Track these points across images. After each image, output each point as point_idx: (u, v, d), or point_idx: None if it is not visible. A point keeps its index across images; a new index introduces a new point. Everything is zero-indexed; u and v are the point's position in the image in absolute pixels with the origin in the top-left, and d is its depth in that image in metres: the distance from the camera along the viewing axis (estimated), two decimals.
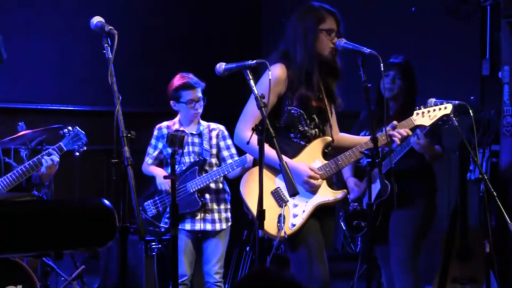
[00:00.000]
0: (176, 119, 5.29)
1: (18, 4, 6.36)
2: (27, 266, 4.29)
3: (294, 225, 3.92)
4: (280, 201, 3.93)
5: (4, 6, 6.29)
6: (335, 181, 4.19)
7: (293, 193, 3.62)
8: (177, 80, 5.21)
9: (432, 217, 4.97)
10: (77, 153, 4.82)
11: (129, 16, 6.82)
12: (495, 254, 4.82)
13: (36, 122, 5.53)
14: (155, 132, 5.28)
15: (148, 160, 5.27)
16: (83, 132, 4.82)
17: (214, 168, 5.18)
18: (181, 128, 5.19)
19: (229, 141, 5.27)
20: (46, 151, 4.63)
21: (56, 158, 4.59)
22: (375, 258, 4.92)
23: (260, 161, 3.57)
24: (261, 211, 3.55)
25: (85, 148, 4.84)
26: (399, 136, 3.95)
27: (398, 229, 4.82)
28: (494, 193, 4.13)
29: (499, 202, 4.12)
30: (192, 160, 5.19)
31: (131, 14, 6.89)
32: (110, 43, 3.34)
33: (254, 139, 3.69)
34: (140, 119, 6.50)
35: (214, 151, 5.25)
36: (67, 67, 6.59)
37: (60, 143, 4.73)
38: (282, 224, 3.82)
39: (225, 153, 5.25)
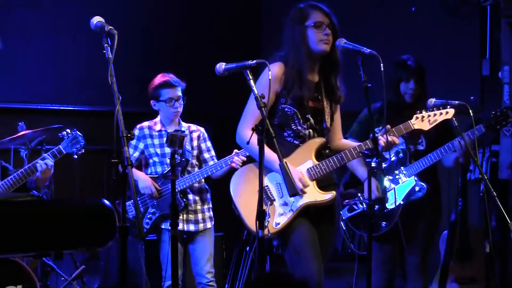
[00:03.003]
0: (157, 119, 5.26)
1: (18, 4, 6.36)
2: (27, 266, 4.29)
3: (278, 224, 3.93)
4: (267, 199, 3.94)
5: (4, 6, 6.28)
6: (334, 183, 4.19)
7: (293, 193, 3.62)
8: (157, 79, 5.23)
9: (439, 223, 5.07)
10: (75, 156, 4.83)
11: (129, 16, 6.82)
12: (495, 254, 4.83)
13: (36, 122, 5.52)
14: (136, 132, 5.20)
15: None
16: (81, 135, 4.83)
17: (196, 169, 5.17)
18: (163, 129, 5.18)
19: (209, 143, 5.29)
20: (41, 157, 4.64)
21: (50, 162, 4.60)
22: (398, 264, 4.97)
23: (260, 161, 3.57)
24: (261, 211, 3.54)
25: (83, 151, 4.84)
26: (385, 141, 3.94)
27: (417, 235, 4.84)
28: (494, 193, 4.13)
29: (499, 202, 4.12)
30: None
31: (131, 14, 6.89)
32: (110, 43, 3.34)
33: (254, 139, 3.69)
34: (140, 119, 6.51)
35: (195, 152, 5.24)
36: (67, 67, 6.58)
37: (59, 146, 4.74)
38: (267, 223, 3.81)
39: (206, 155, 5.25)
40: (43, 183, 4.68)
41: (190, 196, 5.15)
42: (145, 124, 5.25)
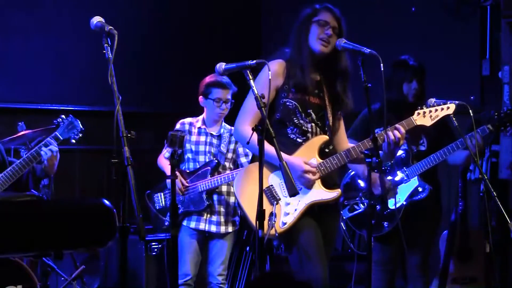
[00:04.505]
0: (200, 117, 5.30)
1: (17, 4, 6.36)
2: (27, 266, 4.29)
3: (285, 224, 3.91)
4: (272, 199, 3.93)
5: (3, 6, 6.28)
6: (338, 182, 4.19)
7: (293, 193, 3.61)
8: (210, 77, 5.22)
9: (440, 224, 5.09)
10: (73, 141, 4.81)
11: (129, 16, 6.82)
12: (495, 254, 4.83)
13: (36, 122, 5.53)
14: (177, 126, 5.27)
15: (165, 153, 5.26)
16: (78, 120, 4.82)
17: (228, 172, 5.18)
18: (203, 127, 5.22)
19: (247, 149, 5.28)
20: (43, 142, 4.62)
21: (54, 147, 4.58)
22: (399, 266, 4.97)
23: (260, 162, 3.56)
24: (261, 211, 3.54)
25: (80, 135, 4.83)
26: (395, 137, 3.95)
27: (418, 235, 4.85)
28: (494, 193, 4.13)
29: (499, 202, 4.12)
30: (207, 159, 5.19)
31: (131, 14, 6.89)
32: (110, 43, 3.34)
33: (255, 138, 3.68)
34: (140, 119, 6.51)
35: (230, 155, 5.25)
36: (67, 67, 6.58)
37: (56, 132, 4.72)
38: (273, 222, 3.81)
39: (243, 159, 5.25)
40: (52, 171, 4.64)
41: (215, 197, 5.17)
42: (187, 120, 5.30)
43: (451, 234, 5.33)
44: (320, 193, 3.96)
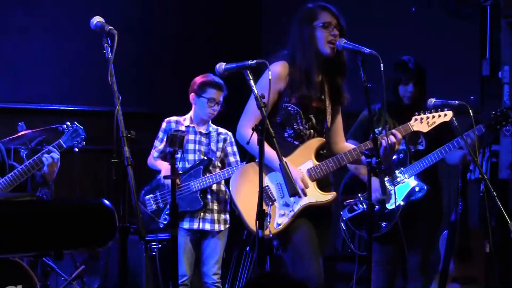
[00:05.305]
0: (188, 115, 5.29)
1: (17, 4, 6.36)
2: (27, 266, 4.29)
3: (279, 225, 3.92)
4: (267, 200, 3.92)
5: (3, 6, 6.28)
6: (333, 184, 4.19)
7: (293, 193, 3.61)
8: (204, 76, 5.21)
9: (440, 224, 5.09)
10: (76, 149, 4.82)
11: (129, 16, 6.82)
12: (495, 254, 4.83)
13: (36, 122, 5.53)
14: (163, 125, 5.28)
15: (154, 153, 5.28)
16: (82, 128, 4.83)
17: (217, 170, 5.19)
18: (192, 125, 5.22)
19: (235, 148, 5.30)
20: (46, 149, 4.64)
21: (56, 155, 4.59)
22: (397, 266, 4.97)
23: (260, 161, 3.56)
24: (261, 211, 3.54)
25: (84, 144, 4.84)
26: (391, 142, 3.94)
27: (418, 235, 4.85)
28: (494, 193, 4.13)
29: (499, 202, 4.12)
30: (196, 158, 5.20)
31: (131, 14, 6.89)
32: (110, 43, 3.34)
33: (254, 138, 3.68)
34: (140, 119, 6.50)
35: (219, 154, 5.26)
36: (67, 67, 6.58)
37: (60, 140, 4.73)
38: (268, 223, 3.80)
39: (231, 159, 5.27)
40: (51, 177, 4.66)
41: (209, 195, 5.17)
42: (173, 118, 5.30)
43: (451, 234, 5.33)
44: (315, 196, 3.96)
